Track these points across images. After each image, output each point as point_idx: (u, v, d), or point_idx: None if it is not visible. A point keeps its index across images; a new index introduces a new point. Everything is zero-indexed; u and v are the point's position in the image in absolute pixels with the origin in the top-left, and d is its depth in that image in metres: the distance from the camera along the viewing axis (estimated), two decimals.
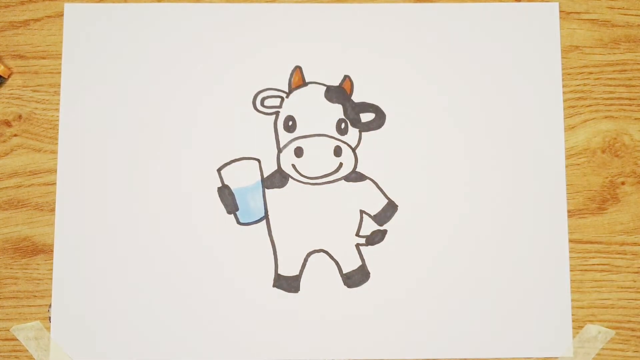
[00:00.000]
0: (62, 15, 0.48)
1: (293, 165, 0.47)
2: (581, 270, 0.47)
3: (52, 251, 0.47)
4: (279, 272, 0.47)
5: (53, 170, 0.47)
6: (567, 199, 0.47)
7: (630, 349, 0.46)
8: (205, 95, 0.48)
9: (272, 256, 0.47)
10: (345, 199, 0.47)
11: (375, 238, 0.47)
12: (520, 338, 0.46)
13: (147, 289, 0.46)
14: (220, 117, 0.48)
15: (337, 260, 0.47)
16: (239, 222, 0.47)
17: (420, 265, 0.47)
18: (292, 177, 0.47)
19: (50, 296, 0.46)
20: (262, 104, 0.48)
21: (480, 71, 0.48)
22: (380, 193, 0.47)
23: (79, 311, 0.46)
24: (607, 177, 0.48)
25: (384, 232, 0.47)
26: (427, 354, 0.46)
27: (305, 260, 0.47)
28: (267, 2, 0.49)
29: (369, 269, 0.47)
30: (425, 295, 0.47)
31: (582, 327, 0.46)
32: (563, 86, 0.48)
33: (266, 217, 0.47)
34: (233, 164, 0.48)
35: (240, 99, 0.48)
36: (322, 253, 0.47)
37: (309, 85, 0.48)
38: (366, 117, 0.48)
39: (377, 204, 0.47)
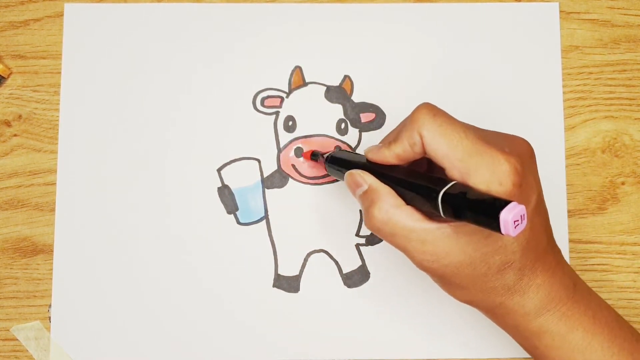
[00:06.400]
0: (62, 15, 0.48)
1: (293, 165, 0.47)
2: (581, 270, 0.47)
3: (52, 251, 0.47)
4: (279, 272, 0.47)
5: (53, 170, 0.47)
6: (567, 199, 0.47)
7: None
8: (205, 95, 0.48)
9: (272, 256, 0.47)
10: (345, 199, 0.47)
11: (375, 238, 0.47)
12: None
13: (147, 289, 0.46)
14: (220, 117, 0.48)
15: (337, 260, 0.47)
16: (239, 222, 0.47)
17: None
18: (292, 177, 0.47)
19: (50, 296, 0.46)
20: (262, 104, 0.48)
21: (480, 71, 0.48)
22: None
23: (79, 311, 0.46)
24: (607, 177, 0.48)
25: None
26: (427, 354, 0.46)
27: (305, 260, 0.47)
28: (267, 2, 0.49)
29: (369, 269, 0.47)
30: (426, 295, 0.47)
31: None
32: (563, 86, 0.48)
33: (266, 217, 0.47)
34: (233, 164, 0.48)
35: (240, 99, 0.48)
36: (322, 253, 0.47)
37: (309, 85, 0.48)
38: (366, 117, 0.48)
39: None
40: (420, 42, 0.49)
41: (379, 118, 0.48)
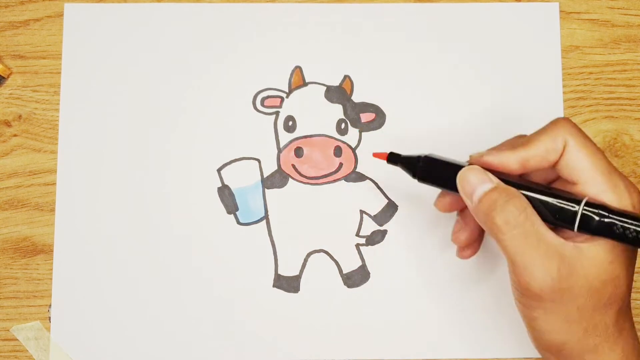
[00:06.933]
0: (62, 15, 0.48)
1: (293, 165, 0.47)
2: None
3: (52, 251, 0.47)
4: (279, 272, 0.47)
5: (53, 170, 0.47)
6: None
7: None
8: (205, 95, 0.48)
9: (272, 256, 0.47)
10: (345, 199, 0.47)
11: (375, 238, 0.47)
12: (520, 338, 0.46)
13: (147, 289, 0.46)
14: (220, 117, 0.48)
15: (337, 260, 0.47)
16: (239, 222, 0.47)
17: (421, 265, 0.47)
18: (292, 177, 0.47)
19: (50, 296, 0.46)
20: (262, 104, 0.48)
21: (480, 71, 0.48)
22: (381, 193, 0.47)
23: (79, 311, 0.46)
24: None
25: (384, 232, 0.47)
26: (427, 354, 0.46)
27: (305, 260, 0.47)
28: (267, 2, 0.49)
29: (369, 269, 0.47)
30: (426, 295, 0.47)
31: None
32: (563, 86, 0.48)
33: (266, 217, 0.47)
34: (233, 164, 0.48)
35: (240, 99, 0.48)
36: (322, 253, 0.47)
37: (309, 85, 0.48)
38: (366, 117, 0.48)
39: (377, 204, 0.47)
40: (420, 42, 0.49)
41: (379, 118, 0.48)
